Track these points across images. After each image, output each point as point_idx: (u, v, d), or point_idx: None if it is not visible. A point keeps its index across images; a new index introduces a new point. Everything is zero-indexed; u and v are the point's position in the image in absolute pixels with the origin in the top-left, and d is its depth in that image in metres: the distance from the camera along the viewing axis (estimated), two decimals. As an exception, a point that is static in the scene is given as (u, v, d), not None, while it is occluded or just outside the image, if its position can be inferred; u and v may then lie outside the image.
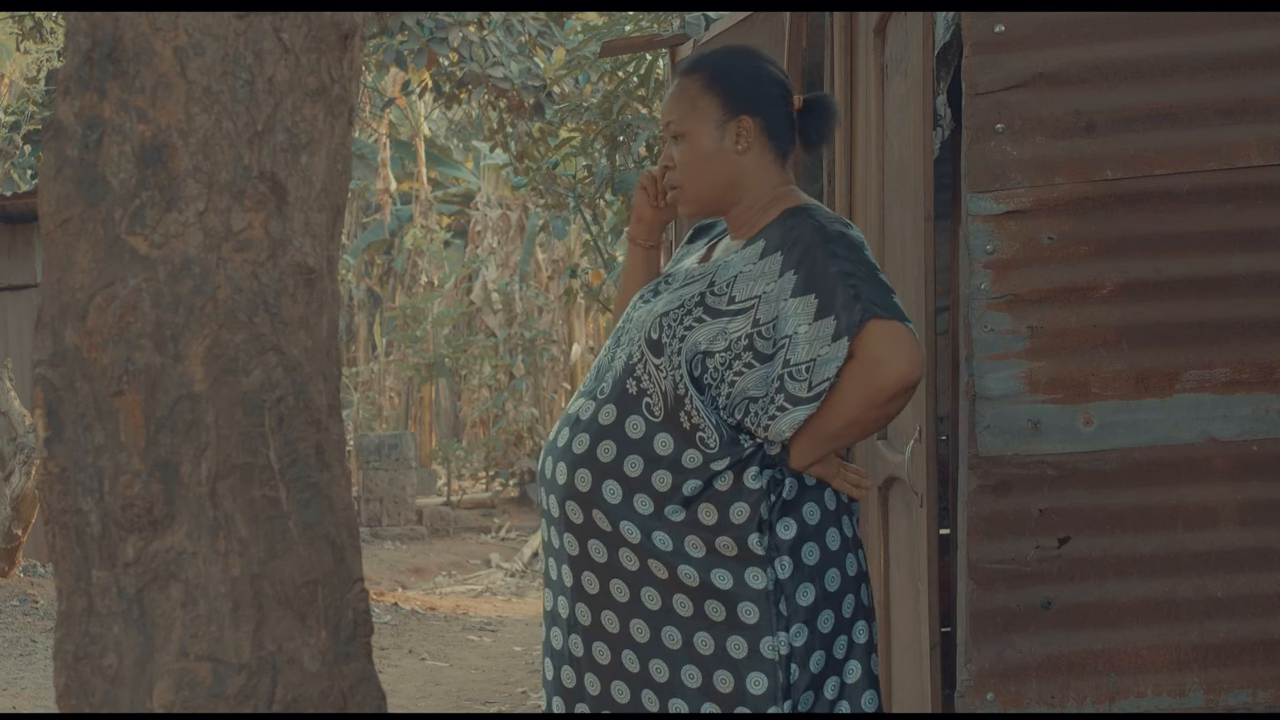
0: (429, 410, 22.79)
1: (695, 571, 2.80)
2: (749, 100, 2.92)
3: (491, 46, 12.46)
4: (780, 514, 2.82)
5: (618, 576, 2.86)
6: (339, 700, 2.31)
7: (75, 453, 2.25)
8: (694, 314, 2.85)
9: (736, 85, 2.92)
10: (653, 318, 2.88)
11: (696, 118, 2.92)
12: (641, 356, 2.87)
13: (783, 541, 2.81)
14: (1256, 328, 3.25)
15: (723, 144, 2.91)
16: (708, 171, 2.92)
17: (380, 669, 7.78)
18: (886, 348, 2.74)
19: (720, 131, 2.91)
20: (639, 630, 2.85)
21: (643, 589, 2.84)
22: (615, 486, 2.85)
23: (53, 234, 2.27)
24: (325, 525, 2.31)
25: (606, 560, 2.86)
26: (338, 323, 2.39)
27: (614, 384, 2.89)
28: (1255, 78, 3.24)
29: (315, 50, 2.30)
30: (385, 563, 14.43)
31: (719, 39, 6.17)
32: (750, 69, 2.95)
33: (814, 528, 2.84)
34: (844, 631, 2.86)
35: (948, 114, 4.15)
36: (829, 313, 2.76)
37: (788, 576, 2.80)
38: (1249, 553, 3.25)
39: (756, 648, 2.79)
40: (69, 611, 2.29)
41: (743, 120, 2.91)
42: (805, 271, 2.79)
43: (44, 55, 14.21)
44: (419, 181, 23.45)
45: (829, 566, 2.84)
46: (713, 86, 2.92)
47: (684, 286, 2.91)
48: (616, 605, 2.87)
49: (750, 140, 2.91)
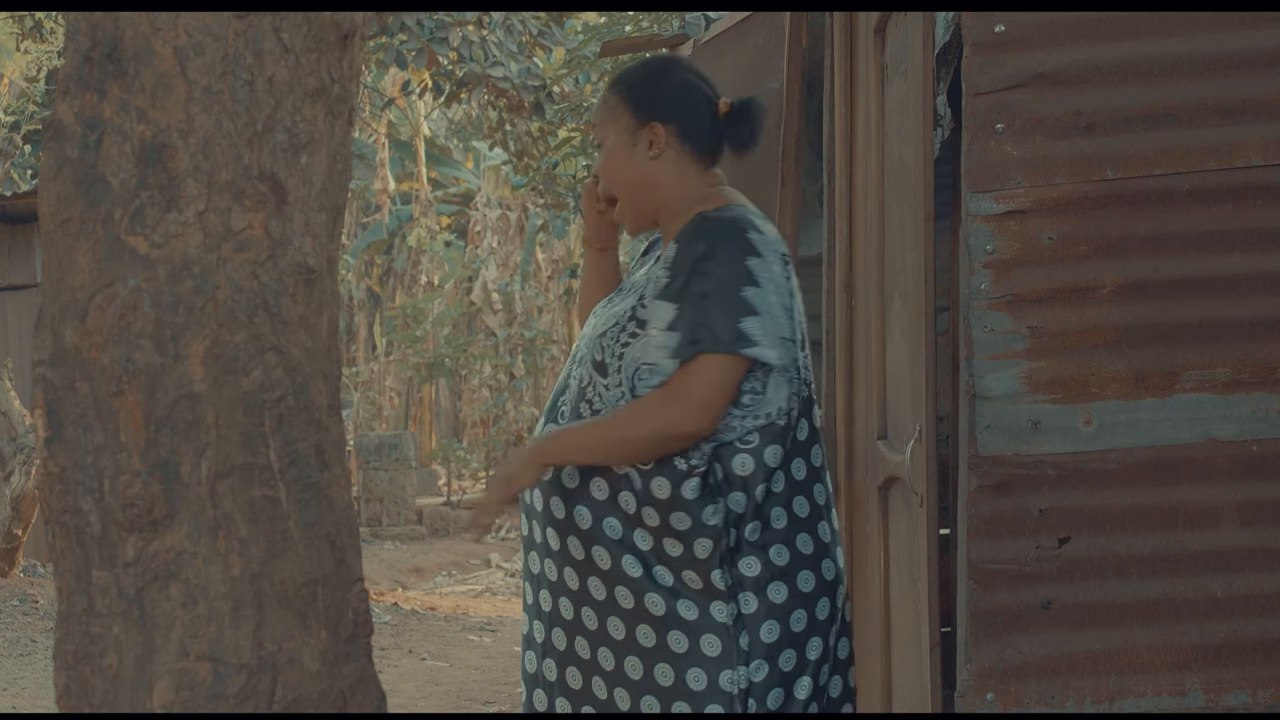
0: (429, 410, 22.79)
1: (662, 601, 2.86)
2: (658, 107, 2.99)
3: (491, 46, 12.46)
4: (745, 552, 2.87)
5: (588, 605, 2.91)
6: (339, 700, 2.31)
7: (75, 453, 2.25)
8: (628, 329, 2.90)
9: (645, 94, 3.00)
10: (591, 341, 2.95)
11: (613, 127, 3.00)
12: (590, 379, 2.93)
13: (746, 579, 2.86)
14: (1256, 328, 3.25)
15: (635, 151, 2.99)
16: (623, 178, 3.00)
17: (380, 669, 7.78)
18: (696, 393, 2.80)
19: (633, 139, 2.99)
20: (615, 628, 2.90)
21: (609, 618, 2.89)
22: (585, 511, 2.90)
23: (53, 234, 2.27)
24: (325, 525, 2.31)
25: (579, 589, 2.91)
26: (338, 323, 2.39)
27: (571, 408, 2.96)
28: (1255, 78, 3.24)
29: (315, 50, 2.30)
30: (385, 563, 14.43)
31: (719, 39, 6.17)
32: (660, 78, 3.04)
33: (782, 569, 2.88)
34: (806, 673, 2.90)
35: (948, 114, 4.15)
36: (677, 328, 2.84)
37: (751, 612, 2.85)
38: (1249, 553, 3.25)
39: (716, 680, 2.84)
40: (69, 611, 2.29)
41: (653, 127, 2.98)
42: (676, 279, 2.87)
43: (44, 55, 14.22)
44: (419, 181, 23.45)
45: (795, 608, 2.89)
46: (624, 96, 3.01)
47: (617, 304, 2.98)
48: (589, 632, 2.92)
49: (662, 146, 2.98)
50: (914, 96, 3.40)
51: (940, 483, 3.79)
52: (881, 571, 3.93)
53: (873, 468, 4.01)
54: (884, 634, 3.91)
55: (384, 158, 23.44)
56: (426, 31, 12.08)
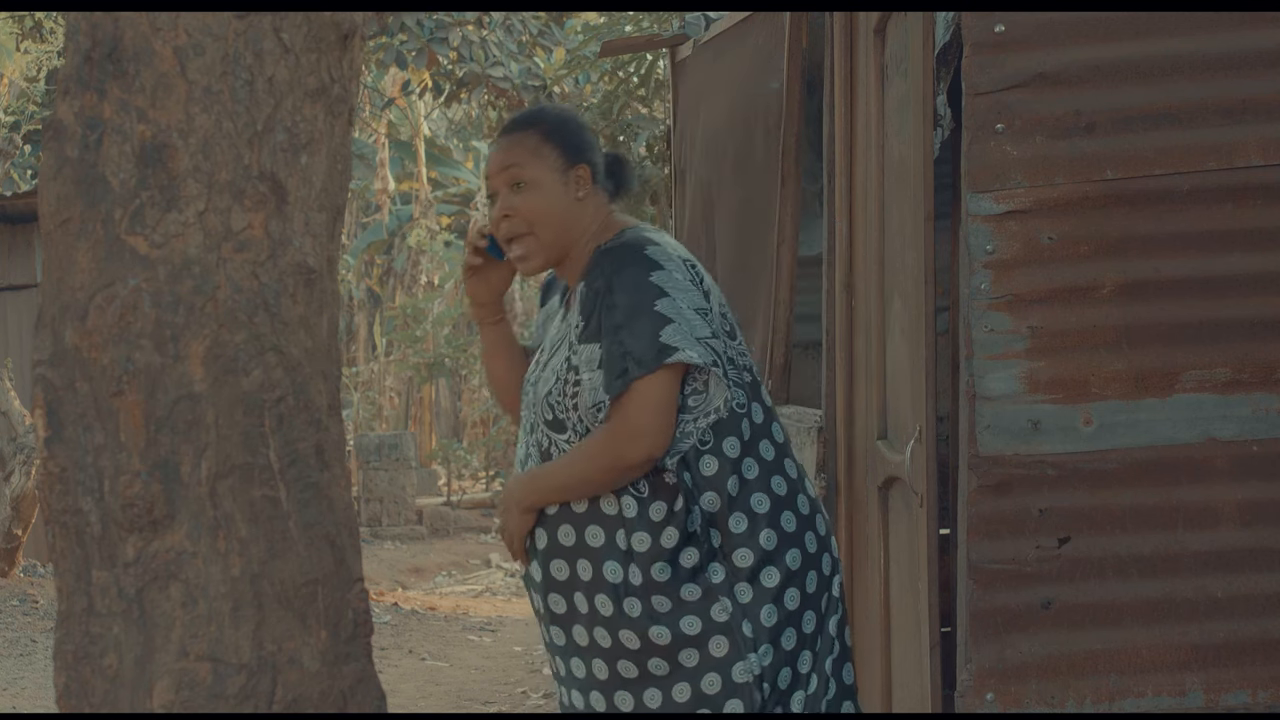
0: (429, 410, 22.79)
1: (666, 629, 2.89)
2: (582, 150, 3.04)
3: (491, 46, 12.46)
4: (735, 545, 2.91)
5: (598, 657, 2.95)
6: (339, 700, 2.31)
7: (75, 453, 2.25)
8: (570, 380, 2.93)
9: (569, 136, 3.04)
10: (539, 403, 2.99)
11: (542, 165, 3.01)
12: (550, 440, 2.97)
13: (740, 570, 2.90)
14: (1256, 328, 3.25)
15: (566, 191, 3.01)
16: (558, 217, 3.01)
17: (380, 669, 7.78)
18: (637, 420, 2.84)
19: (564, 178, 3.01)
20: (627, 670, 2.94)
21: (619, 661, 2.92)
22: (586, 565, 2.93)
23: (53, 234, 2.27)
24: (325, 525, 2.31)
25: (588, 644, 2.94)
26: (338, 323, 2.39)
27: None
28: (1255, 78, 3.24)
29: (315, 50, 2.30)
30: (385, 563, 14.43)
31: (719, 39, 6.17)
32: (575, 122, 3.09)
33: (771, 552, 2.92)
34: (806, 646, 2.94)
35: (948, 114, 4.15)
36: (602, 365, 2.88)
37: (749, 601, 2.89)
38: (1249, 553, 3.25)
39: (730, 676, 2.87)
40: (69, 611, 2.29)
41: (580, 169, 3.02)
42: (591, 319, 2.90)
43: (44, 55, 14.21)
44: (419, 181, 23.45)
45: (788, 587, 2.92)
46: (551, 137, 3.02)
47: (550, 360, 3.01)
48: (600, 683, 2.96)
49: (586, 188, 3.02)
50: (914, 96, 3.40)
51: (940, 483, 3.79)
52: (881, 571, 3.93)
53: (873, 468, 4.01)
54: (884, 634, 3.91)
55: (384, 158, 23.43)
56: (426, 31, 12.08)
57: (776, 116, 5.29)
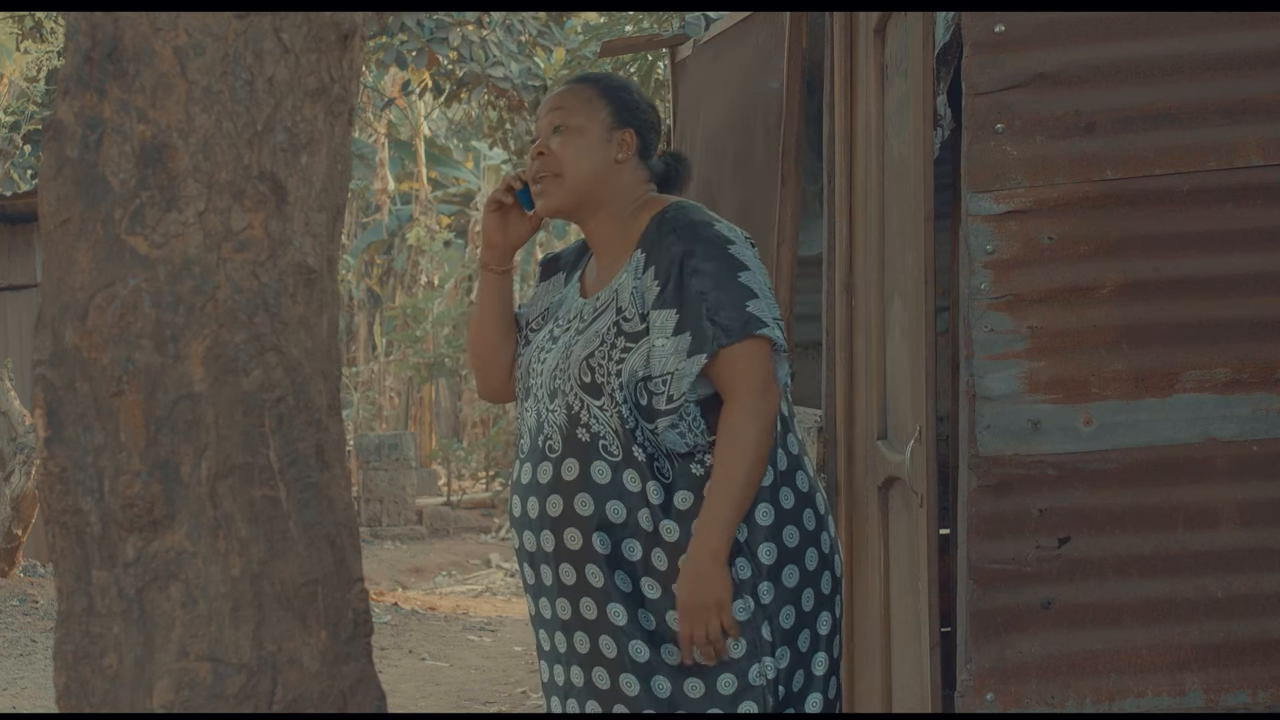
0: (429, 410, 22.79)
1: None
2: (634, 117, 3.05)
3: (491, 46, 12.46)
4: (761, 539, 2.89)
5: (606, 633, 2.89)
6: (339, 700, 2.31)
7: (75, 453, 2.25)
8: (619, 345, 2.90)
9: (626, 101, 3.05)
10: (577, 364, 2.93)
11: (590, 116, 3.02)
12: (582, 403, 2.91)
13: (765, 566, 2.89)
14: (1256, 328, 3.25)
15: (607, 147, 3.01)
16: (591, 167, 3.00)
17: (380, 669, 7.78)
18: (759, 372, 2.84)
19: (608, 135, 3.02)
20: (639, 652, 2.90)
21: (630, 641, 2.88)
22: (605, 538, 2.89)
23: (53, 234, 2.27)
24: (325, 525, 2.31)
25: (596, 618, 2.90)
26: (338, 323, 2.39)
27: (563, 438, 2.93)
28: (1255, 78, 3.24)
29: (315, 50, 2.30)
30: (385, 563, 14.42)
31: (719, 39, 6.17)
32: (638, 94, 3.10)
33: (792, 550, 2.91)
34: (820, 649, 2.95)
35: (948, 114, 4.15)
36: (685, 329, 2.85)
37: (769, 601, 2.88)
38: (1249, 553, 3.25)
39: (746, 677, 2.86)
40: (69, 611, 2.29)
41: (627, 133, 3.02)
42: (667, 284, 2.88)
43: (44, 55, 14.20)
44: (419, 181, 23.44)
45: (805, 587, 2.93)
46: (606, 96, 3.04)
47: (592, 323, 2.96)
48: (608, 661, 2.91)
49: (628, 153, 3.02)
50: (914, 96, 3.40)
51: (940, 483, 3.79)
52: (881, 571, 3.92)
53: (873, 468, 4.01)
54: (884, 634, 3.91)
55: (384, 158, 23.43)
56: (426, 31, 12.08)
57: (776, 116, 5.29)
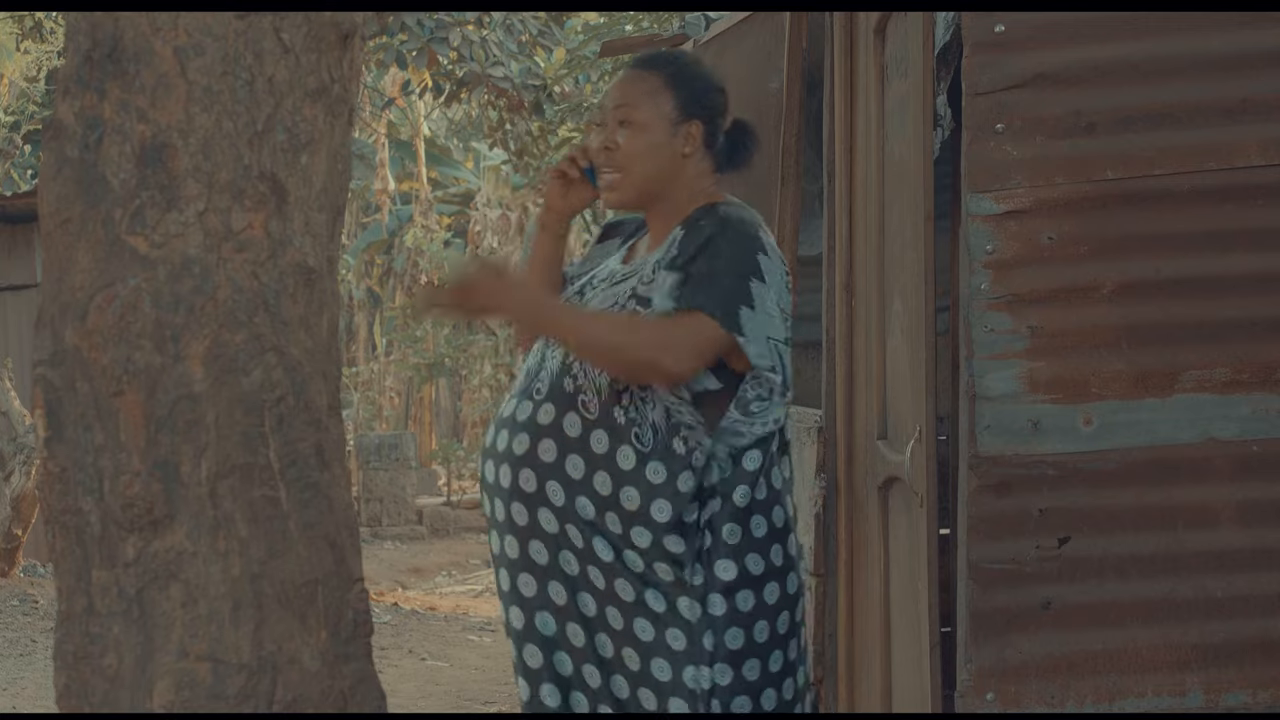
0: (429, 410, 22.79)
1: (630, 587, 2.86)
2: (701, 107, 2.98)
3: (491, 46, 12.45)
4: (721, 555, 2.86)
5: (555, 579, 2.90)
6: (339, 700, 2.31)
7: (75, 453, 2.25)
8: (628, 308, 2.89)
9: (694, 91, 2.98)
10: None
11: (654, 110, 2.95)
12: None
13: (719, 581, 2.86)
14: (1256, 328, 3.25)
15: (672, 143, 2.95)
16: (655, 164, 2.96)
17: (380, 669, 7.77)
18: (686, 340, 2.80)
19: (673, 130, 2.95)
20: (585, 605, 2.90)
21: (579, 594, 2.88)
22: (557, 488, 2.87)
23: (53, 234, 2.27)
24: (325, 525, 2.31)
25: (548, 563, 2.90)
26: (338, 323, 2.39)
27: (550, 383, 2.92)
28: (1255, 78, 3.24)
29: (315, 50, 2.30)
30: (385, 563, 14.42)
31: (719, 39, 6.17)
32: (706, 78, 3.02)
33: (755, 578, 2.88)
34: (771, 685, 2.91)
35: (948, 114, 4.15)
36: (680, 287, 2.83)
37: (719, 615, 2.85)
38: (1249, 553, 3.25)
39: (680, 675, 2.84)
40: (69, 611, 2.29)
41: (693, 125, 2.96)
42: (684, 252, 2.87)
43: (44, 55, 14.20)
44: (419, 181, 23.44)
45: (759, 619, 2.89)
46: (671, 86, 2.97)
47: (614, 286, 2.96)
48: (557, 608, 2.92)
49: (694, 146, 2.97)
50: (914, 96, 3.40)
51: (940, 483, 3.79)
52: (881, 571, 3.92)
53: (873, 468, 4.01)
54: (884, 634, 3.91)
55: (384, 158, 23.42)
56: (426, 31, 12.07)
57: (776, 116, 5.29)
